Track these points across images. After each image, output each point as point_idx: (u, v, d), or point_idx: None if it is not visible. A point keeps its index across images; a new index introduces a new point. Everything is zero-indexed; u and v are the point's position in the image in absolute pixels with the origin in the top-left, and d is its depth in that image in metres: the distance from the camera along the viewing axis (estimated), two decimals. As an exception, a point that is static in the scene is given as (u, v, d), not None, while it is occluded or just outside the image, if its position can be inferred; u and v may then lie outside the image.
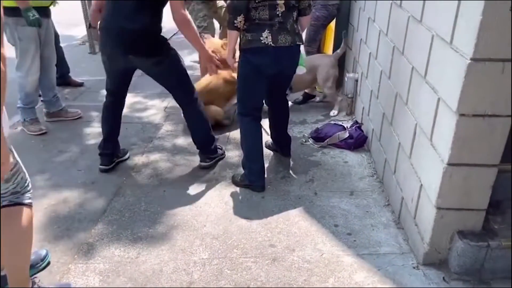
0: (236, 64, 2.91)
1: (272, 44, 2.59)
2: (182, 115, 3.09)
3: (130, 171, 3.11)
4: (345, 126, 3.50)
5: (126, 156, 3.24)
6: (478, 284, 2.04)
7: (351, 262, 2.24)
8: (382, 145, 2.95)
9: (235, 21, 2.58)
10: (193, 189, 2.90)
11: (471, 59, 1.74)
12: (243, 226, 2.52)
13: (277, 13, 2.58)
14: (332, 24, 4.33)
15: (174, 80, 2.88)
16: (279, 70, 2.74)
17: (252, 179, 2.86)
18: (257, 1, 2.54)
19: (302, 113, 4.06)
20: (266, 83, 2.79)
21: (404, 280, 2.10)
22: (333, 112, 4.03)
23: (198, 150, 3.15)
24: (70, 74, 4.68)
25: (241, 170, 2.97)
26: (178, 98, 3.00)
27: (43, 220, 2.57)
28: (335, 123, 3.62)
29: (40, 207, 2.67)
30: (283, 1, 2.58)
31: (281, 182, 2.97)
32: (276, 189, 2.88)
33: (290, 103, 4.24)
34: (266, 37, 2.59)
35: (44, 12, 3.43)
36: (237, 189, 2.89)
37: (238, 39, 2.72)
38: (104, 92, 3.03)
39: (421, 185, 2.20)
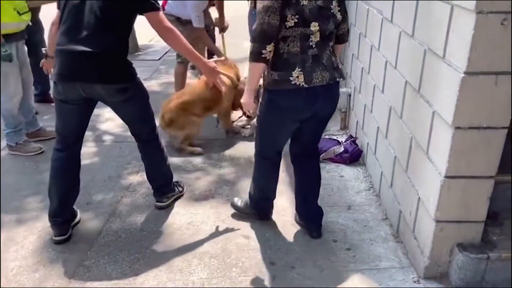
0: (254, 109, 2.35)
1: (305, 85, 2.10)
2: (140, 151, 2.74)
3: (125, 191, 3.07)
4: (340, 141, 3.51)
5: (78, 218, 2.68)
6: (480, 297, 2.03)
7: (352, 278, 2.22)
8: (378, 158, 2.95)
9: (263, 52, 2.03)
10: (190, 207, 2.87)
11: (464, 72, 1.76)
12: (241, 244, 2.50)
13: (311, 44, 2.09)
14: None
15: (139, 111, 2.55)
16: (312, 113, 2.23)
17: (259, 212, 2.68)
18: (287, 26, 2.04)
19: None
20: (294, 127, 2.31)
21: (405, 295, 2.09)
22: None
23: (154, 190, 2.84)
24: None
25: (236, 190, 2.95)
26: (138, 132, 2.65)
27: (37, 243, 2.52)
28: (329, 138, 3.63)
29: (34, 230, 2.62)
30: (317, 28, 2.06)
31: (278, 199, 2.94)
32: (274, 206, 2.86)
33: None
34: (297, 76, 2.09)
35: (21, 35, 3.50)
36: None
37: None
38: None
39: (419, 198, 2.20)
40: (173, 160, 3.49)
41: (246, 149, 3.65)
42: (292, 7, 2.03)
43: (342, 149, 3.41)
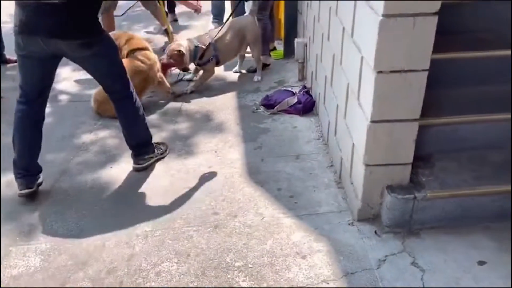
0: None
1: None
2: (115, 110, 2.68)
3: (77, 150, 3.08)
4: (294, 92, 3.51)
5: (42, 178, 2.60)
6: (408, 235, 2.12)
7: (290, 223, 2.29)
8: (326, 107, 2.97)
9: None
10: (141, 164, 2.89)
11: (382, 15, 1.74)
12: (188, 196, 2.54)
13: None
14: None
15: (107, 67, 2.49)
16: None
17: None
18: None
19: (256, 81, 4.04)
20: None
21: (338, 237, 2.17)
22: (257, 78, 4.04)
23: (131, 151, 2.77)
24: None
25: (189, 144, 2.95)
26: (110, 90, 2.60)
27: (-15, 205, 2.54)
28: (285, 89, 3.63)
29: (-17, 192, 2.64)
30: None
31: (229, 151, 2.99)
32: (223, 158, 2.90)
33: (243, 71, 4.26)
34: None
35: None
36: (184, 161, 2.90)
37: None
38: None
39: (353, 144, 2.24)
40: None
41: (204, 103, 3.67)
42: None
43: (295, 100, 3.42)
